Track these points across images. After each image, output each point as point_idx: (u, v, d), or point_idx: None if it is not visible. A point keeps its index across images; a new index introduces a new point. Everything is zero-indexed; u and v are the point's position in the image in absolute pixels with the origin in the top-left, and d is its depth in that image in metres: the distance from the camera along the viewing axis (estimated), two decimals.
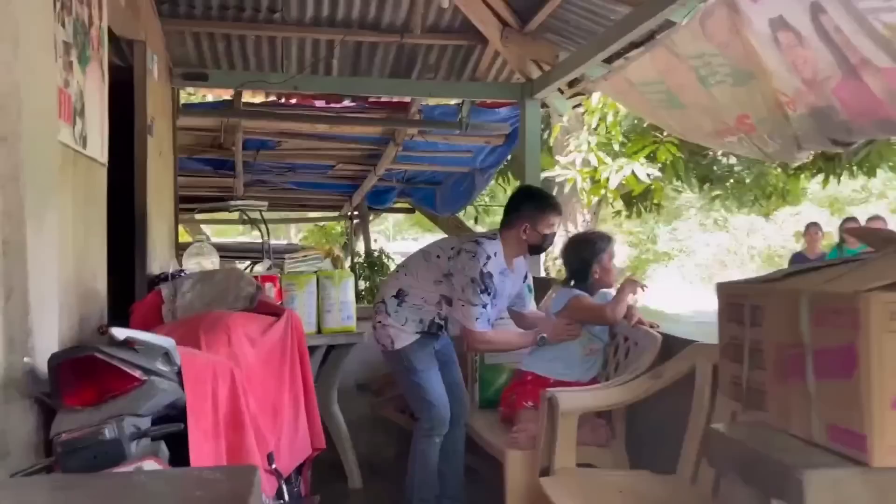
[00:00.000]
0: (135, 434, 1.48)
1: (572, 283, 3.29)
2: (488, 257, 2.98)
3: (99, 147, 2.77)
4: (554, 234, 3.17)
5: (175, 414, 1.70)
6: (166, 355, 1.66)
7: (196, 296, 2.86)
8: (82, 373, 1.53)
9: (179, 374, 1.73)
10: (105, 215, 2.85)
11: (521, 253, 3.16)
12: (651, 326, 3.00)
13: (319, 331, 3.83)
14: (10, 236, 1.52)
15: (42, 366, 1.57)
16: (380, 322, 3.12)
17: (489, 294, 2.96)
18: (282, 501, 2.09)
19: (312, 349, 3.72)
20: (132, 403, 1.51)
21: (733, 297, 1.51)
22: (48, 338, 1.87)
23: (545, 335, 3.11)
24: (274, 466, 2.23)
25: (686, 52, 3.25)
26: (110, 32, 3.55)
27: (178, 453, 1.69)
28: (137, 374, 1.56)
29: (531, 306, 3.44)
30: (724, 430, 1.34)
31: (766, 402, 1.36)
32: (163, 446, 1.53)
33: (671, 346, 2.82)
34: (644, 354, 2.85)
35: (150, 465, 1.41)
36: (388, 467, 4.01)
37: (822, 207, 20.92)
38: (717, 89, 3.30)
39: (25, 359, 1.53)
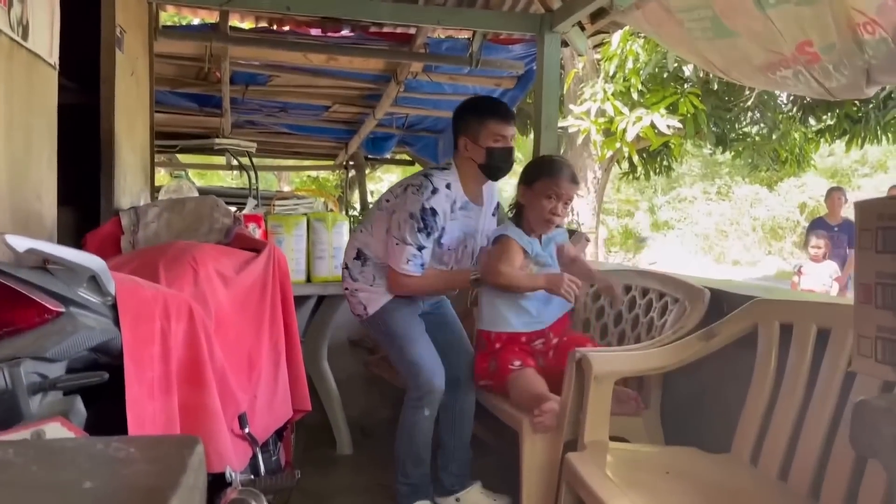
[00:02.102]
0: (38, 385, 1.05)
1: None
2: (434, 191, 2.52)
3: (47, 44, 2.30)
4: (507, 148, 2.60)
5: (107, 361, 1.27)
6: (94, 281, 1.22)
7: (162, 226, 2.43)
8: None
9: (115, 308, 1.29)
10: (54, 127, 2.38)
11: (480, 180, 2.67)
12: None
13: (309, 279, 3.43)
14: None
15: None
16: (347, 289, 2.72)
17: (428, 234, 2.52)
18: (253, 478, 1.67)
19: (301, 300, 3.32)
20: (37, 342, 1.08)
21: (888, 219, 1.07)
22: None
23: (478, 275, 2.62)
24: (247, 431, 1.82)
25: None
26: None
27: (114, 414, 1.27)
28: (49, 303, 1.12)
29: None
30: (887, 404, 0.93)
31: None
32: (78, 403, 1.10)
33: (721, 302, 2.41)
34: (689, 312, 2.43)
35: (54, 428, 0.97)
36: (382, 431, 3.62)
37: (826, 178, 20.54)
38: (776, 10, 2.84)
39: None
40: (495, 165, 2.61)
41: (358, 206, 9.00)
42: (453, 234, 2.63)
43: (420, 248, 2.53)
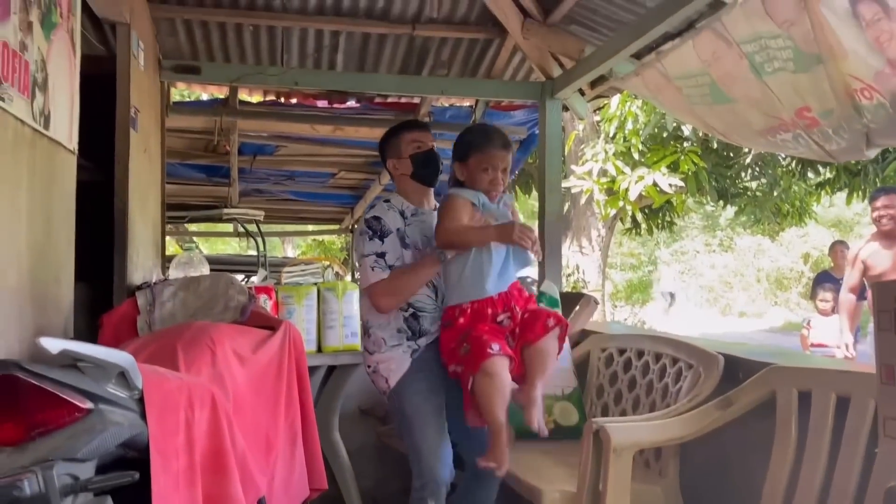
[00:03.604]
0: (70, 487, 1.06)
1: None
2: (372, 206, 2.63)
3: (67, 131, 2.37)
4: (429, 149, 2.66)
5: (134, 456, 1.27)
6: (122, 376, 1.23)
7: (178, 305, 2.45)
8: (2, 399, 1.11)
9: (142, 401, 1.30)
10: (73, 211, 2.43)
11: (420, 190, 2.69)
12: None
13: (320, 349, 3.43)
14: None
15: None
16: (369, 367, 2.65)
17: (381, 237, 2.54)
18: None
19: (312, 370, 3.29)
20: (68, 443, 1.09)
21: None
22: None
23: (443, 250, 2.50)
24: None
25: (738, 37, 2.88)
26: (91, 14, 3.20)
27: None
28: (78, 401, 1.13)
29: None
30: None
31: None
32: None
33: (736, 368, 2.41)
34: (703, 379, 2.43)
35: None
36: (395, 503, 3.57)
37: (828, 228, 20.63)
38: (773, 78, 2.92)
39: None
40: (423, 169, 2.65)
41: None
42: (416, 236, 2.63)
43: (380, 255, 2.53)
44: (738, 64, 2.98)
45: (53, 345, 1.08)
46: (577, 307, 3.61)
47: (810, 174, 8.67)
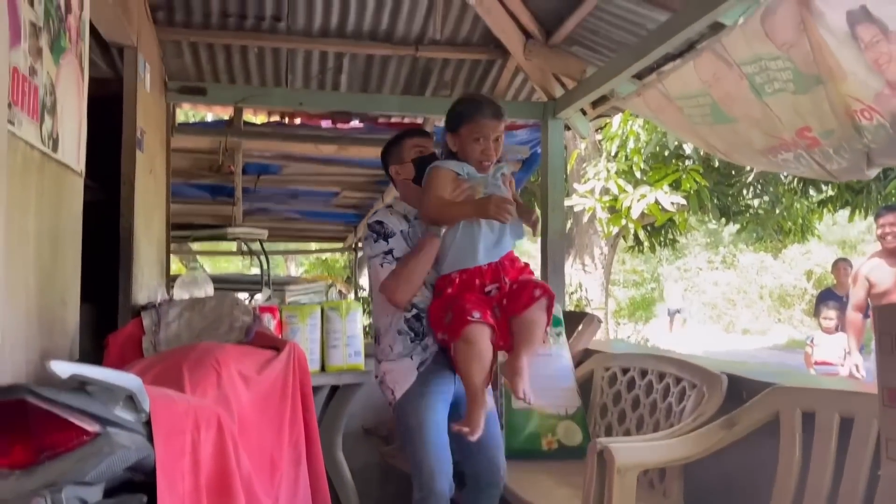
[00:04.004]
0: None
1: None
2: (375, 212, 2.67)
3: (74, 153, 2.39)
4: (430, 153, 2.63)
5: (141, 479, 1.28)
6: (130, 399, 1.25)
7: (183, 326, 2.47)
8: (11, 422, 1.12)
9: (149, 424, 1.31)
10: (80, 233, 2.45)
11: (419, 193, 2.66)
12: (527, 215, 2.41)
13: (323, 368, 3.42)
14: None
15: None
16: (377, 376, 2.67)
17: (385, 238, 2.56)
18: None
19: (315, 389, 3.30)
20: (77, 466, 1.09)
21: None
22: None
23: (439, 227, 2.48)
24: None
25: (739, 58, 2.91)
26: (99, 38, 3.24)
27: None
28: (87, 424, 1.14)
29: None
30: None
31: None
32: None
33: (739, 388, 2.41)
34: (707, 398, 2.43)
35: None
36: None
37: (832, 246, 20.62)
38: (774, 99, 2.94)
39: None
40: (424, 173, 2.59)
41: (367, 287, 9.06)
42: (418, 237, 2.62)
43: (386, 252, 2.54)
44: (738, 85, 3.00)
45: (63, 369, 1.09)
46: (581, 326, 3.62)
47: (812, 192, 8.69)
